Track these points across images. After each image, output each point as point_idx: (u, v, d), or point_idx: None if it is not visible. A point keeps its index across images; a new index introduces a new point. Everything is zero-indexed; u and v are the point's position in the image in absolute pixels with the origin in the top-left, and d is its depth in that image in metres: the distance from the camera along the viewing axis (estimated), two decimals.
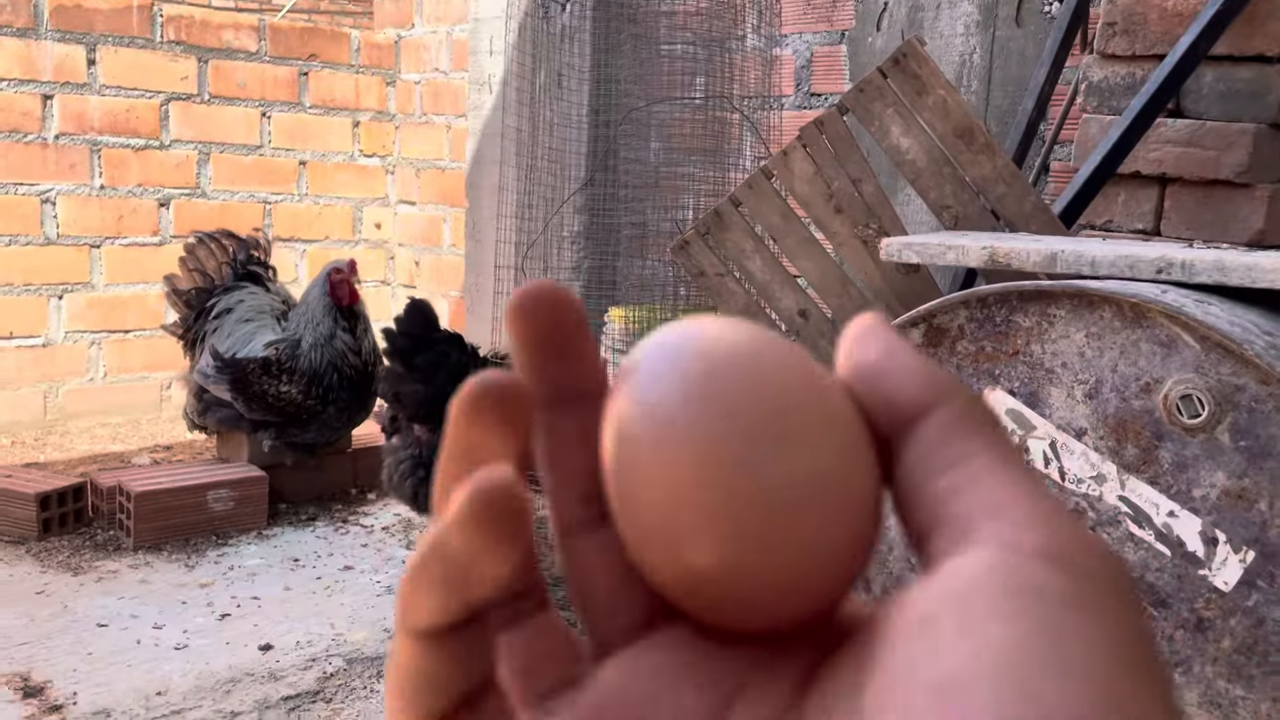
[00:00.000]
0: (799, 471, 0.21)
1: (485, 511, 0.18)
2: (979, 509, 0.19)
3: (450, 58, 3.20)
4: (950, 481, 0.20)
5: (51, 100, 2.80)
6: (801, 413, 0.21)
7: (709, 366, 0.22)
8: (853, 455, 0.21)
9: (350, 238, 3.38)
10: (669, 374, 0.22)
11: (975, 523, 0.19)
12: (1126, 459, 1.12)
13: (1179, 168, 1.58)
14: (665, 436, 0.22)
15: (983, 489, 0.19)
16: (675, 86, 2.43)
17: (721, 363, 0.22)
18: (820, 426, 0.21)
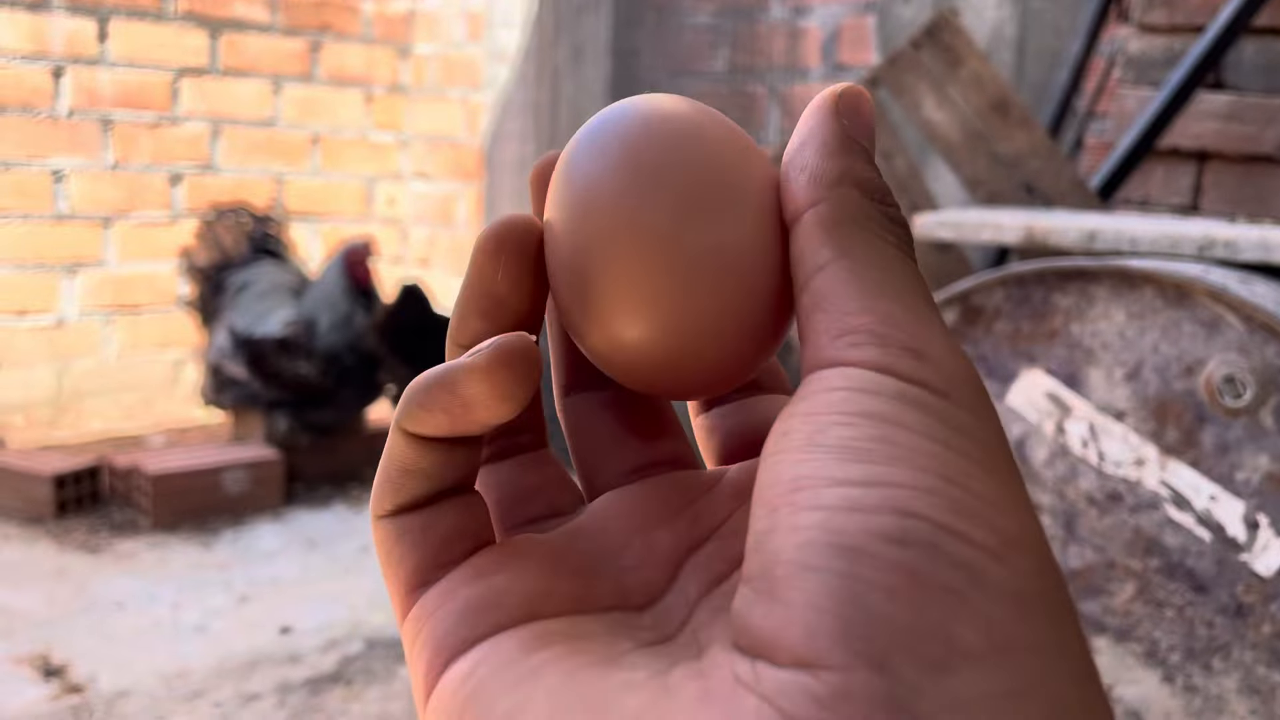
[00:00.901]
0: (717, 242, 0.21)
1: (503, 369, 0.20)
2: (825, 331, 0.20)
3: (465, 29, 3.16)
4: (807, 299, 0.20)
5: (63, 75, 2.77)
6: (725, 186, 0.22)
7: (637, 138, 0.22)
8: (772, 231, 0.22)
9: (363, 213, 3.36)
10: (599, 146, 0.23)
11: (822, 344, 0.20)
12: (1167, 442, 1.09)
13: (1218, 143, 1.54)
14: (592, 207, 0.22)
15: (831, 308, 0.20)
16: (698, 59, 2.39)
17: (651, 135, 0.22)
18: (742, 200, 0.22)
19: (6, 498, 2.23)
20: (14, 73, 2.70)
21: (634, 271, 0.21)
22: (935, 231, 1.37)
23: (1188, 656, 1.07)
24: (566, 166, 0.23)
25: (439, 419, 0.21)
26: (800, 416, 0.19)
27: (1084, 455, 1.12)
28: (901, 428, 0.18)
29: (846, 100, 0.22)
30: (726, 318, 0.22)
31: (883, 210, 0.21)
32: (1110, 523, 1.10)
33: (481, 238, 0.22)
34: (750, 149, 0.23)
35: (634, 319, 0.22)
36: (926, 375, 0.19)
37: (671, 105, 0.23)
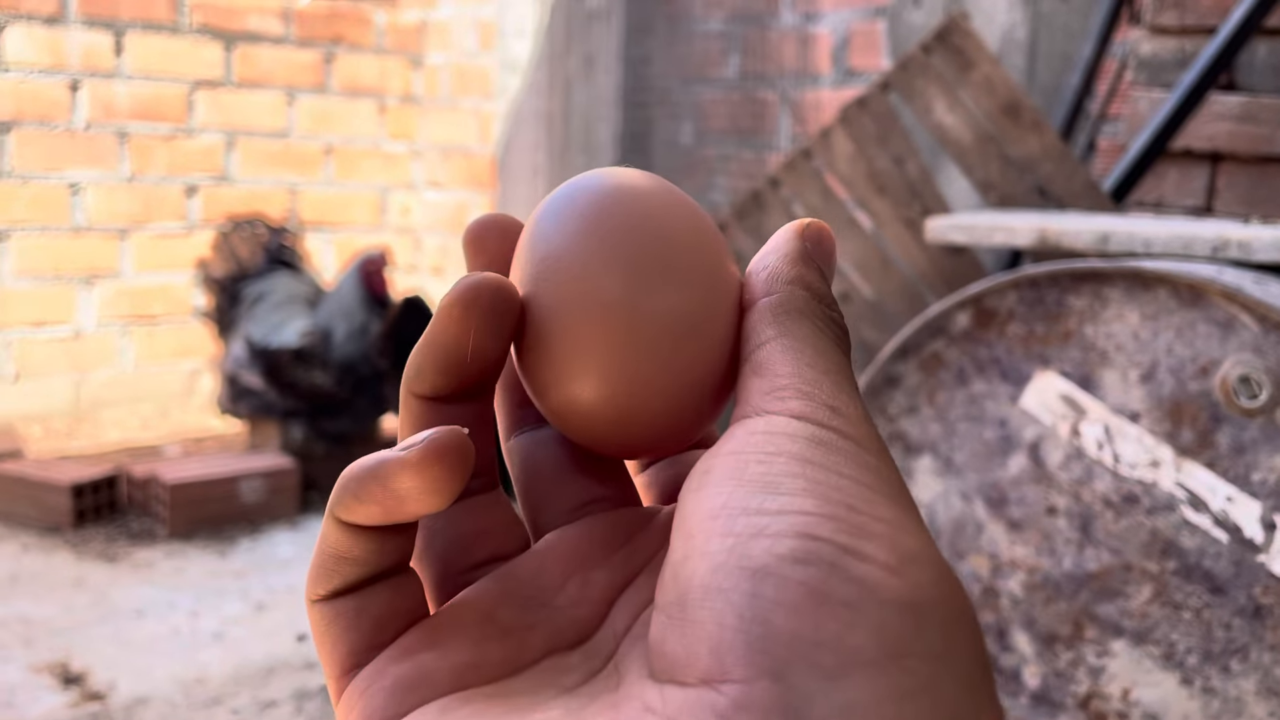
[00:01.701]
0: (668, 310, 0.23)
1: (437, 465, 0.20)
2: (758, 391, 0.22)
3: (477, 39, 3.18)
4: (748, 368, 0.22)
5: (79, 88, 2.80)
6: (678, 259, 0.23)
7: (599, 210, 0.23)
8: (721, 307, 0.23)
9: (376, 223, 3.37)
10: (562, 215, 0.24)
11: (752, 399, 0.22)
12: (1183, 443, 1.09)
13: (1232, 144, 1.54)
14: (552, 273, 0.23)
15: (766, 373, 0.22)
16: (709, 66, 2.39)
17: (612, 207, 0.23)
18: (693, 273, 0.23)
19: (25, 507, 2.25)
20: (31, 86, 2.72)
21: (590, 335, 0.23)
22: (948, 235, 1.37)
23: (1206, 658, 1.06)
24: (531, 233, 0.24)
25: (371, 510, 0.21)
26: (722, 455, 0.20)
27: (1099, 457, 1.12)
28: (813, 464, 0.19)
29: (811, 229, 0.25)
30: (676, 382, 0.23)
31: (824, 310, 0.23)
32: (1126, 525, 1.10)
33: (450, 298, 0.23)
34: (703, 225, 0.24)
35: (588, 380, 0.23)
36: (840, 424, 0.21)
37: (633, 180, 0.24)
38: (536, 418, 0.26)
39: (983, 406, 1.15)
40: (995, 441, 1.14)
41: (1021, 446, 1.13)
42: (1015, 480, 1.13)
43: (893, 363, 1.15)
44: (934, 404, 1.16)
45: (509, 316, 0.23)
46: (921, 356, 1.16)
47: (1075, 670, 1.09)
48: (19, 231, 2.75)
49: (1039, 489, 1.12)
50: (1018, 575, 1.11)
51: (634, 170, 0.25)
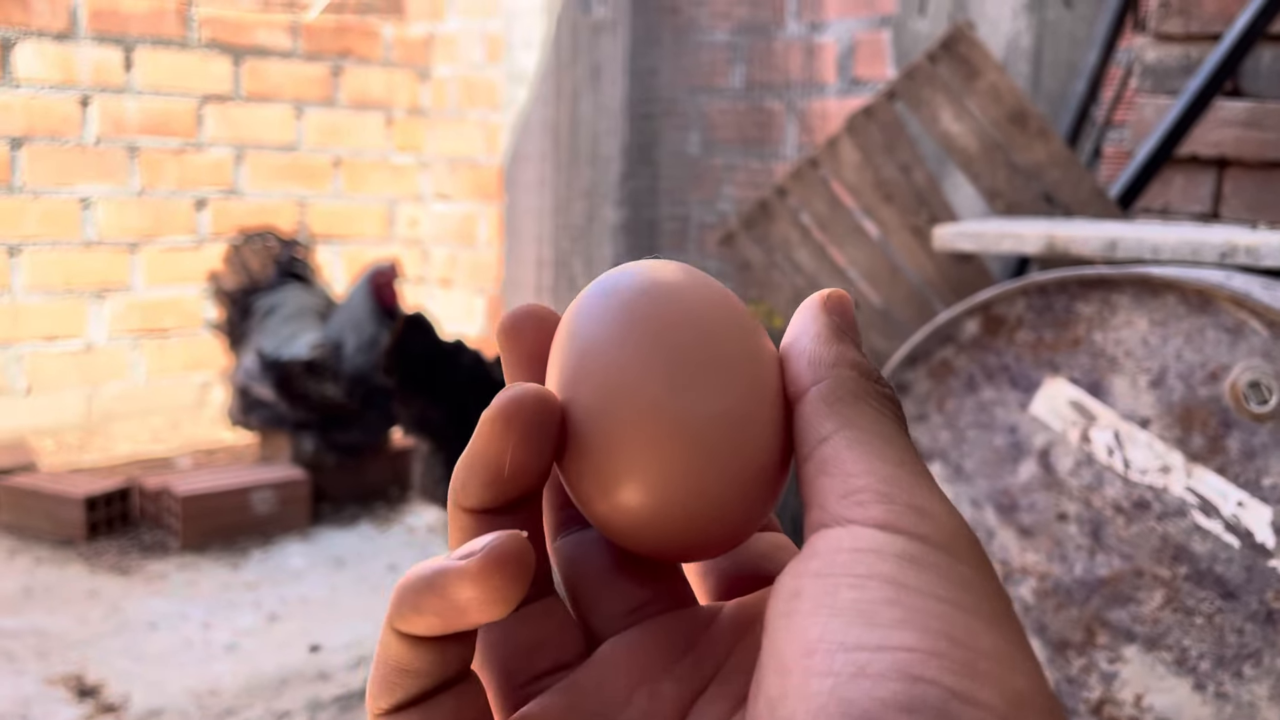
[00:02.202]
0: (715, 411, 0.22)
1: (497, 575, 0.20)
2: (831, 493, 0.21)
3: (484, 52, 3.19)
4: (812, 466, 0.22)
5: (90, 103, 2.82)
6: (721, 357, 0.23)
7: (638, 308, 0.23)
8: (766, 400, 0.23)
9: (385, 235, 3.39)
10: (597, 314, 0.23)
11: (829, 505, 0.21)
12: (1193, 448, 1.09)
13: (1238, 150, 1.54)
14: (592, 375, 0.23)
15: (836, 473, 0.21)
16: (716, 76, 2.41)
17: (651, 305, 0.23)
18: (737, 370, 0.23)
19: (38, 520, 2.26)
20: (42, 102, 2.74)
21: (634, 439, 0.22)
22: (955, 243, 1.37)
23: (1218, 664, 1.06)
24: (568, 331, 0.24)
25: (431, 621, 0.21)
26: (810, 577, 0.20)
27: (1110, 463, 1.12)
28: (908, 588, 0.19)
29: (832, 300, 0.24)
30: (725, 485, 0.22)
31: (877, 388, 0.23)
32: (1137, 530, 1.10)
33: (491, 412, 0.22)
34: (744, 319, 0.24)
35: (634, 486, 0.22)
36: (928, 530, 0.20)
37: (668, 274, 0.24)
38: (581, 519, 0.26)
39: (992, 413, 1.15)
40: (1005, 448, 1.15)
41: (1031, 453, 1.13)
42: (1025, 487, 1.13)
43: (902, 370, 1.16)
44: (943, 411, 1.16)
45: (550, 430, 0.22)
46: (931, 364, 1.16)
47: (1087, 677, 1.09)
48: (30, 246, 2.77)
49: (1049, 495, 1.12)
50: (1029, 582, 1.11)
51: (668, 263, 0.25)
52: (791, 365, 0.23)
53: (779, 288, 1.65)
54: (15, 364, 2.78)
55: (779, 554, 0.26)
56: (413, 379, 2.11)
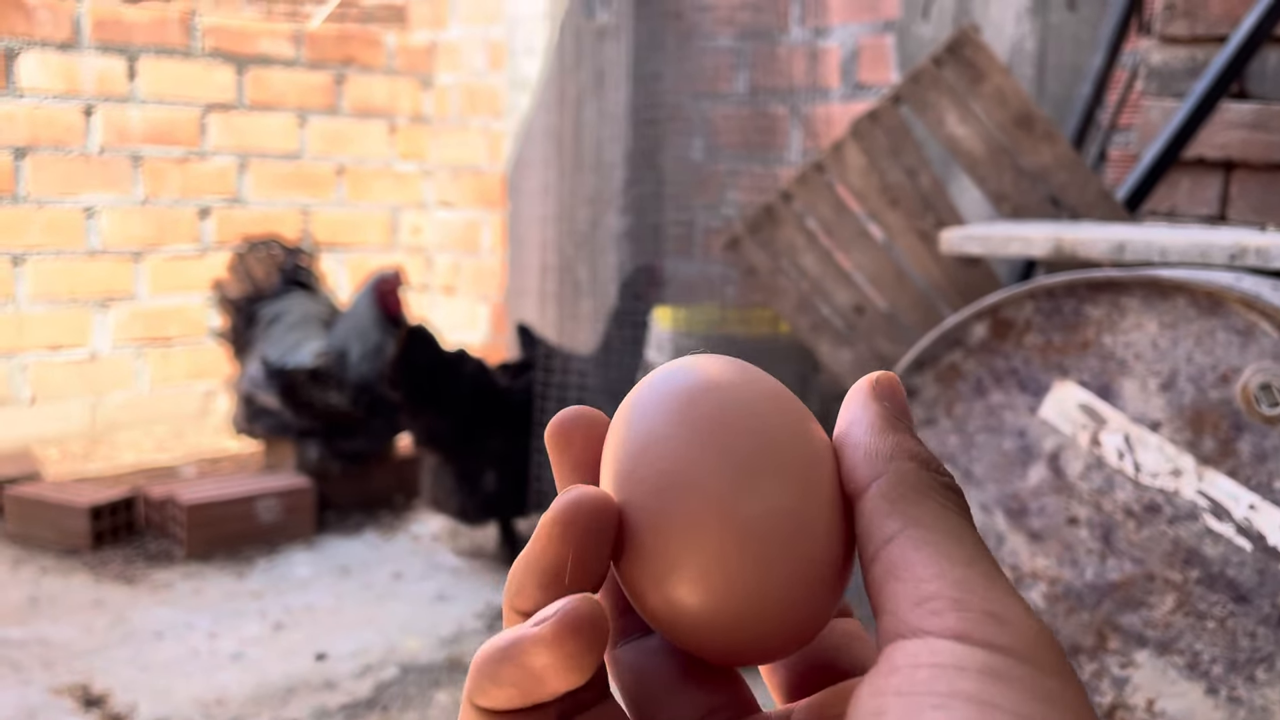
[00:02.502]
0: (774, 509, 0.22)
1: (572, 640, 0.20)
2: (904, 600, 0.20)
3: (487, 59, 3.20)
4: (880, 568, 0.21)
5: (93, 113, 2.82)
6: (779, 454, 0.22)
7: (688, 405, 0.23)
8: (824, 496, 0.22)
9: (388, 243, 3.39)
10: (650, 413, 0.23)
11: (902, 613, 0.20)
12: (1204, 451, 1.09)
13: (1245, 152, 1.54)
14: (647, 475, 0.22)
15: (906, 577, 0.20)
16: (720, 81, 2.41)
17: (700, 401, 0.23)
18: (795, 467, 0.22)
19: (43, 530, 2.26)
20: (46, 112, 2.75)
21: (692, 540, 0.22)
22: (963, 246, 1.37)
23: (1231, 668, 1.06)
24: (623, 431, 0.24)
25: (510, 693, 0.21)
26: (892, 695, 0.19)
27: (1120, 467, 1.12)
28: (992, 707, 0.18)
29: (882, 385, 0.24)
30: (787, 586, 0.22)
31: (938, 479, 0.22)
32: (1149, 534, 1.09)
33: (550, 517, 0.22)
34: (798, 412, 0.24)
35: (692, 587, 0.22)
36: (1009, 640, 0.19)
37: (724, 371, 0.24)
38: (639, 625, 0.25)
39: (1001, 417, 1.15)
40: (1014, 452, 1.14)
41: (1041, 457, 1.12)
42: (1035, 491, 1.13)
43: (909, 375, 1.15)
44: (952, 416, 1.16)
45: (608, 533, 0.22)
46: (939, 368, 1.16)
47: (1099, 682, 1.09)
48: (35, 255, 2.77)
49: (1059, 499, 1.12)
50: (1039, 586, 1.11)
51: (719, 358, 0.24)
52: (847, 459, 0.23)
53: (784, 293, 1.65)
54: (20, 373, 2.78)
55: (851, 646, 0.25)
56: (418, 392, 2.12)
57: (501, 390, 2.22)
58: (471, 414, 2.16)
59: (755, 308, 2.15)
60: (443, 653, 1.84)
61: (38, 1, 2.71)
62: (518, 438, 2.18)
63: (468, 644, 1.87)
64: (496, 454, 2.17)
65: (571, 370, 2.16)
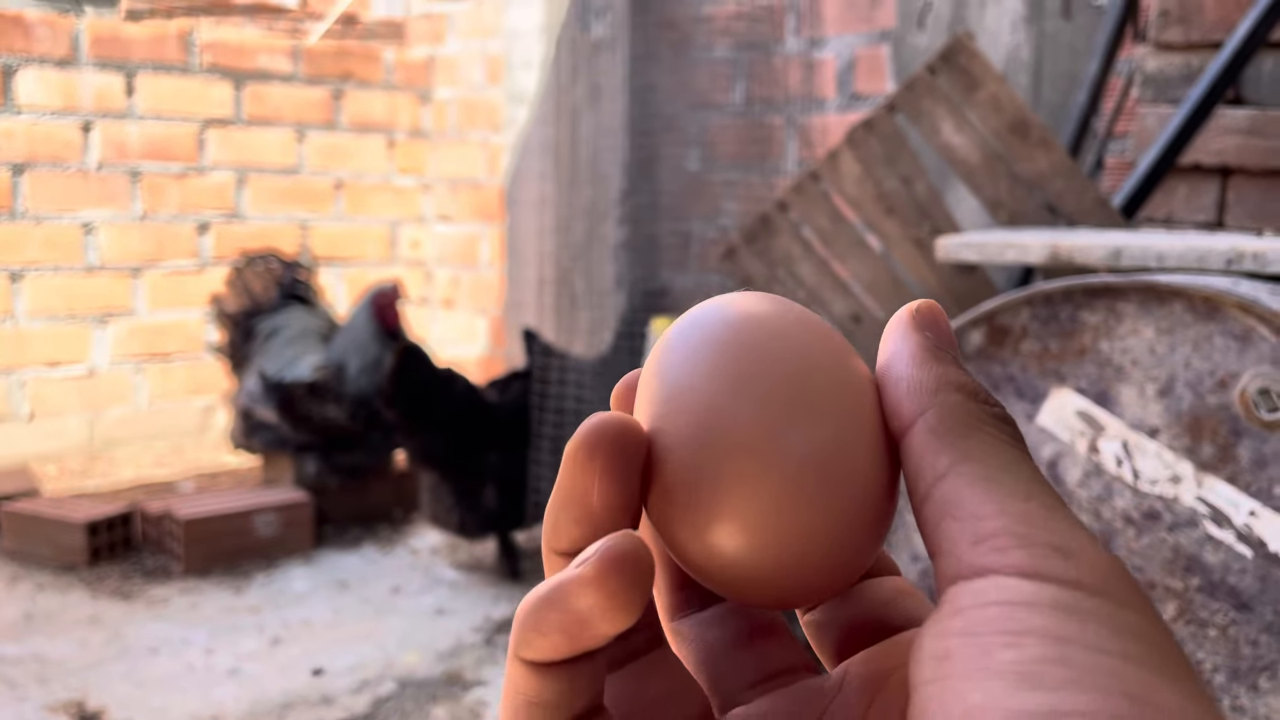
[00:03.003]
0: (813, 447, 0.21)
1: (615, 577, 0.19)
2: (962, 539, 0.19)
3: (485, 73, 3.20)
4: (933, 508, 0.20)
5: (92, 129, 2.82)
6: (818, 389, 0.21)
7: (727, 342, 0.22)
8: (866, 431, 0.21)
9: (387, 257, 3.39)
10: (688, 351, 0.22)
11: (961, 552, 0.19)
12: (1203, 457, 1.08)
13: (1241, 158, 1.54)
14: (682, 414, 0.21)
15: (963, 514, 0.19)
16: (716, 92, 2.41)
17: (741, 338, 0.22)
18: (835, 402, 0.21)
19: (40, 546, 2.25)
20: (44, 128, 2.75)
21: (730, 479, 0.21)
22: (959, 253, 1.36)
23: (1233, 677, 1.05)
24: (655, 371, 0.23)
25: (556, 640, 0.20)
26: (958, 637, 0.18)
27: (1119, 474, 1.11)
28: (1071, 643, 0.17)
29: (923, 314, 0.23)
30: (828, 526, 0.21)
31: (989, 410, 0.21)
32: (1148, 542, 1.08)
33: (574, 444, 0.21)
34: (838, 346, 0.22)
35: (732, 531, 0.21)
36: (1079, 574, 0.18)
37: (759, 305, 0.23)
38: (697, 599, 0.25)
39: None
40: None
41: (1039, 464, 1.12)
42: None
43: None
44: None
45: (637, 457, 0.21)
46: None
47: None
48: (33, 272, 2.77)
49: None
50: None
51: (756, 294, 0.23)
52: (890, 394, 0.22)
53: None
54: (18, 390, 2.77)
55: (902, 600, 0.24)
56: (414, 411, 2.11)
57: (492, 407, 2.22)
58: (466, 431, 2.16)
59: None
60: (441, 667, 1.83)
61: (37, 18, 2.72)
62: (514, 452, 2.17)
63: (466, 658, 1.86)
64: (494, 469, 2.17)
65: (569, 382, 2.15)
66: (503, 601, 2.10)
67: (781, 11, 2.35)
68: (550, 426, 2.15)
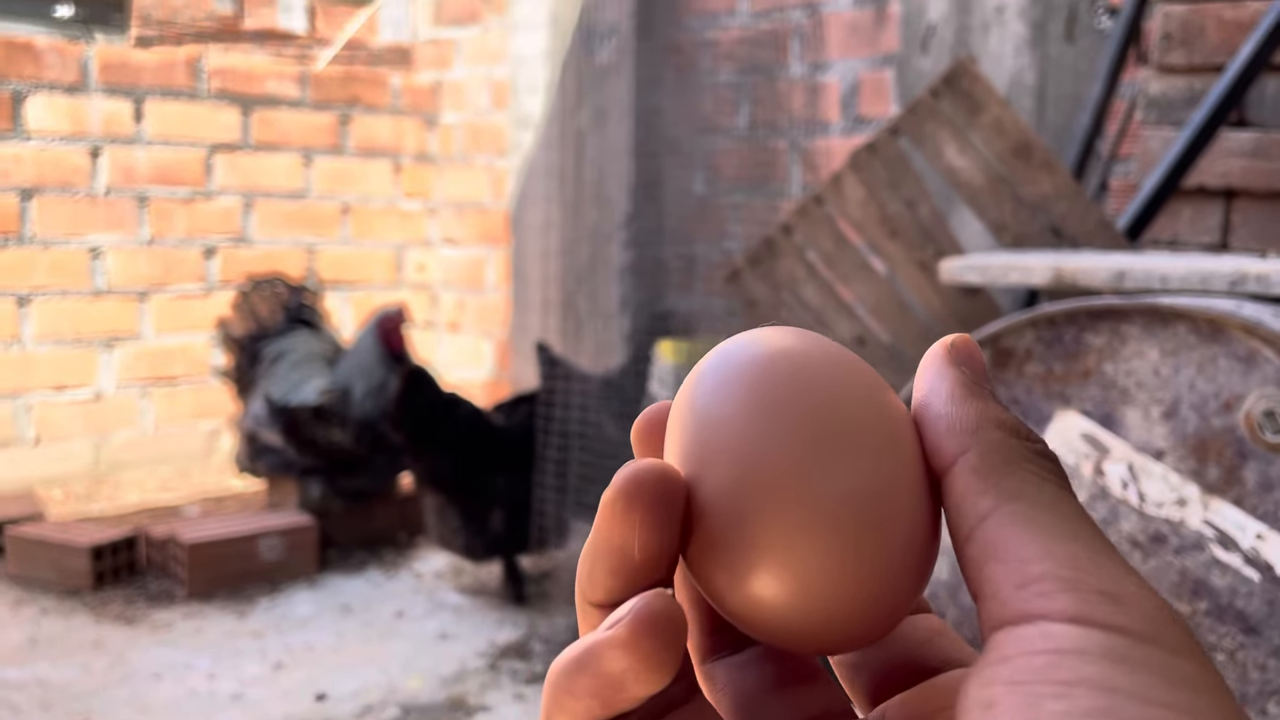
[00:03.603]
0: (852, 487, 0.20)
1: (649, 639, 0.19)
2: (1006, 583, 0.18)
3: (490, 98, 3.22)
4: (977, 550, 0.19)
5: (100, 154, 2.84)
6: (854, 427, 0.21)
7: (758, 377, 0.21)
8: (907, 471, 0.21)
9: (393, 280, 3.40)
10: (718, 387, 0.22)
11: (1006, 597, 0.18)
12: (1209, 480, 1.07)
13: (1245, 180, 1.54)
14: (715, 454, 0.21)
15: (1007, 557, 0.19)
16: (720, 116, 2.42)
17: (771, 372, 0.21)
18: (872, 440, 0.21)
19: (45, 570, 2.25)
20: (53, 153, 2.77)
21: (768, 523, 0.20)
22: (963, 276, 1.36)
23: (1241, 701, 1.03)
24: (687, 410, 0.22)
25: (589, 704, 0.19)
26: (1004, 685, 0.17)
27: (1124, 497, 1.10)
28: (1122, 694, 0.16)
29: (958, 349, 0.22)
30: (874, 572, 0.20)
31: (1031, 446, 0.20)
32: (1155, 565, 1.08)
33: (612, 494, 0.20)
34: (873, 382, 0.22)
35: (774, 579, 0.20)
36: (1129, 620, 0.18)
37: (792, 341, 0.22)
38: (730, 642, 0.24)
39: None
40: None
41: None
42: None
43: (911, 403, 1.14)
44: None
45: (676, 506, 0.21)
46: None
47: None
48: (40, 296, 2.78)
49: None
50: None
51: (787, 329, 0.23)
52: (930, 432, 0.21)
53: (785, 325, 1.64)
54: (24, 414, 2.78)
55: (938, 641, 0.24)
56: (420, 433, 2.12)
57: (499, 430, 2.22)
58: (473, 453, 2.16)
59: None
60: (444, 693, 1.82)
61: (47, 45, 2.74)
62: (520, 475, 2.17)
63: (470, 683, 1.85)
64: (501, 493, 2.17)
65: (574, 405, 2.15)
66: (507, 626, 2.09)
67: (785, 36, 2.36)
68: (556, 450, 2.15)
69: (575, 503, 2.14)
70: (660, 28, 2.50)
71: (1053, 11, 1.97)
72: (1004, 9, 2.03)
